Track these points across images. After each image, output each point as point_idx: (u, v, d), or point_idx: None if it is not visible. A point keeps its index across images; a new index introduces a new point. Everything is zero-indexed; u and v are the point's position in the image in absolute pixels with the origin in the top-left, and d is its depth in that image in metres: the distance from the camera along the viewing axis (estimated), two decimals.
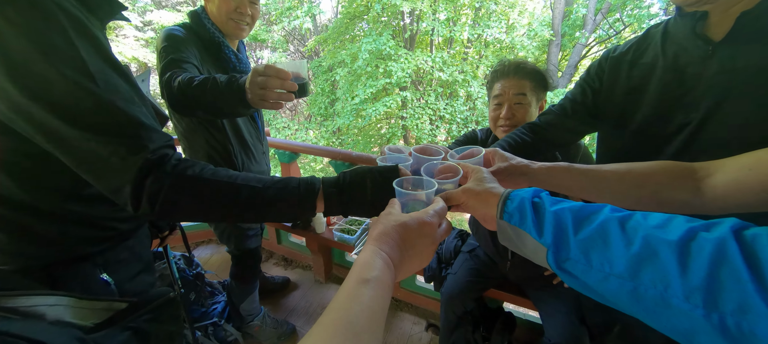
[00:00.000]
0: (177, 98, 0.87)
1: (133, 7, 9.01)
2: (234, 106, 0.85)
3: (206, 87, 0.83)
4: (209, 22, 1.10)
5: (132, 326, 0.48)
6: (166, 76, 0.90)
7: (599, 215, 0.38)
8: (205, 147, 1.19)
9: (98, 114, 0.44)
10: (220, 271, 2.14)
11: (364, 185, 0.58)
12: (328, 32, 8.61)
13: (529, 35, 7.02)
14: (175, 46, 0.99)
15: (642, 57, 0.74)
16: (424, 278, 1.49)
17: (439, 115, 7.32)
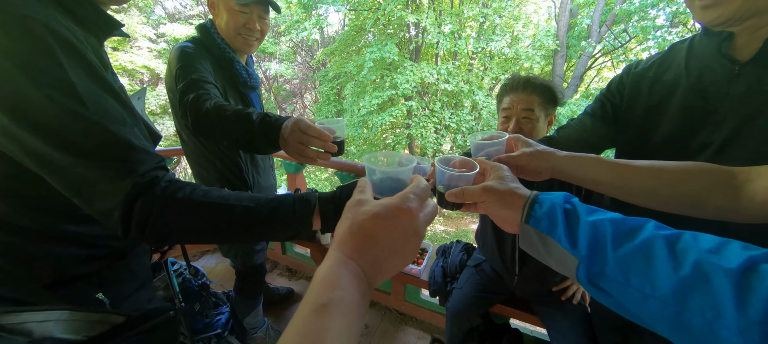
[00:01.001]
0: (203, 123, 0.86)
1: (148, 20, 9.32)
2: (263, 147, 0.84)
3: (239, 121, 0.82)
4: (219, 37, 1.10)
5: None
6: (191, 97, 0.89)
7: (643, 231, 0.35)
8: (216, 163, 1.18)
9: (86, 137, 0.44)
10: (224, 281, 2.14)
11: None
12: (335, 44, 8.77)
13: (534, 46, 7.06)
14: (192, 66, 0.98)
15: (664, 74, 0.73)
16: (430, 292, 1.47)
17: (445, 124, 7.33)
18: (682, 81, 0.68)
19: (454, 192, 0.50)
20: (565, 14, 6.84)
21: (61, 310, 0.45)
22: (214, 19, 1.12)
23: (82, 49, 0.46)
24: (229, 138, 0.87)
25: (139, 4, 8.92)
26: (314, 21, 7.32)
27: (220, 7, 1.08)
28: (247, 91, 1.19)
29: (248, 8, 1.07)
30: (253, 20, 1.10)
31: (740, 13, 0.56)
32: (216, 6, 1.09)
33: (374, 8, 7.58)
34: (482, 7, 6.92)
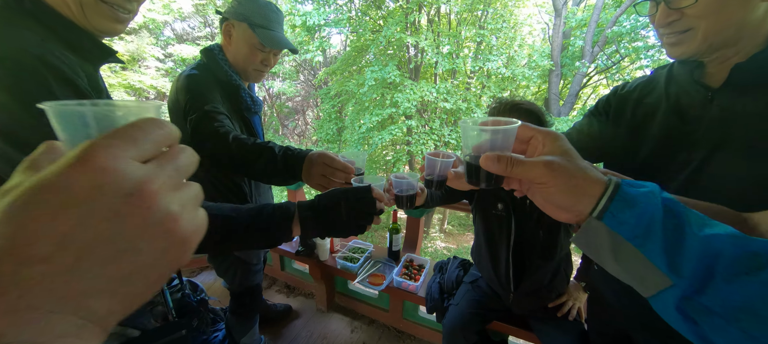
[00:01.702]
0: (223, 156, 0.88)
1: (157, 41, 9.63)
2: (285, 180, 0.88)
3: (261, 155, 0.86)
4: (226, 64, 1.10)
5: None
6: (210, 130, 0.91)
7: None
8: (218, 186, 1.18)
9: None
10: (222, 298, 2.13)
11: (339, 208, 0.61)
12: (337, 63, 9.02)
13: (529, 66, 7.24)
14: (203, 96, 0.99)
15: (647, 97, 0.77)
16: (427, 308, 1.47)
17: (444, 141, 7.43)
18: (663, 104, 0.73)
19: (494, 156, 0.36)
20: (559, 36, 7.06)
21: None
22: (226, 46, 1.12)
23: (74, 78, 0.51)
24: (249, 171, 0.89)
25: (149, 27, 9.26)
26: (318, 43, 7.57)
27: (238, 41, 1.09)
28: (250, 115, 1.20)
29: (265, 48, 1.10)
30: (269, 58, 1.14)
31: (703, 50, 0.61)
32: (232, 37, 1.09)
33: (375, 30, 7.85)
34: (478, 29, 7.16)
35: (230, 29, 1.09)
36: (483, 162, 0.37)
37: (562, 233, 1.16)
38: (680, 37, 0.61)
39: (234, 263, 1.34)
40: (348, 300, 2.08)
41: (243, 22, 1.06)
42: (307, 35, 7.69)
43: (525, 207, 1.16)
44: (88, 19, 0.58)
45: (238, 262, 1.34)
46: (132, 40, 8.12)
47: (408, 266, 1.71)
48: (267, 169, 0.87)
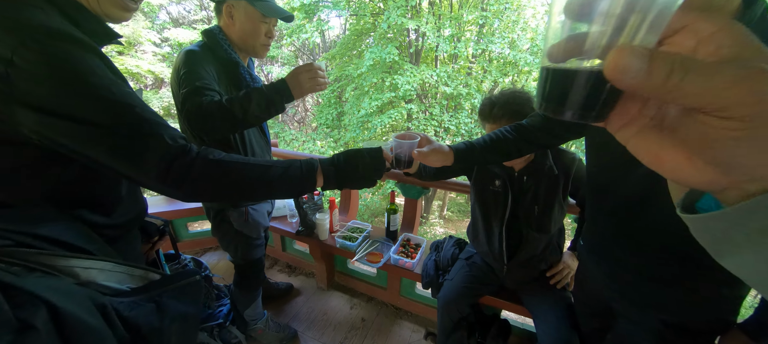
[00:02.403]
0: (206, 119, 0.99)
1: (153, 25, 9.48)
2: (281, 103, 1.07)
3: (249, 98, 1.02)
4: (226, 43, 1.15)
5: (157, 299, 0.53)
6: (199, 100, 0.99)
7: None
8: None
9: (119, 116, 0.54)
10: (227, 276, 2.21)
11: (356, 165, 0.77)
12: (337, 48, 8.89)
13: (532, 51, 7.13)
14: (197, 72, 1.04)
15: None
16: (422, 284, 1.53)
17: (444, 126, 7.41)
18: None
19: (638, 51, 0.17)
20: None
21: (105, 261, 0.51)
22: (229, 27, 1.17)
23: (98, 48, 0.55)
24: (247, 118, 1.03)
25: (144, 10, 9.09)
26: (315, 24, 7.44)
27: (241, 18, 1.15)
28: None
29: (269, 18, 1.18)
30: (271, 29, 1.22)
31: None
32: (234, 17, 1.15)
33: (375, 13, 7.70)
34: (481, 11, 7.02)
35: (231, 10, 1.14)
36: (617, 59, 0.18)
37: (556, 209, 1.20)
38: None
39: (235, 237, 1.40)
40: (347, 279, 2.15)
41: (241, 0, 1.12)
42: (305, 17, 7.54)
43: (522, 183, 1.20)
44: (100, 5, 0.61)
45: (239, 236, 1.39)
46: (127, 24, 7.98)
47: (405, 245, 1.77)
48: (261, 103, 1.03)
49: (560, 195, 1.19)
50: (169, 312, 0.54)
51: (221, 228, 1.39)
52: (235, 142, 1.22)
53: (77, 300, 0.42)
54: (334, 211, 1.92)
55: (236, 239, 1.41)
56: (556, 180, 1.18)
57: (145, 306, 0.50)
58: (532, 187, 1.19)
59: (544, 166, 1.17)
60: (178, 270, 1.47)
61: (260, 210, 1.44)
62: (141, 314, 0.49)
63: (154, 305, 0.52)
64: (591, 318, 1.07)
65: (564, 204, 1.22)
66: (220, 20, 1.18)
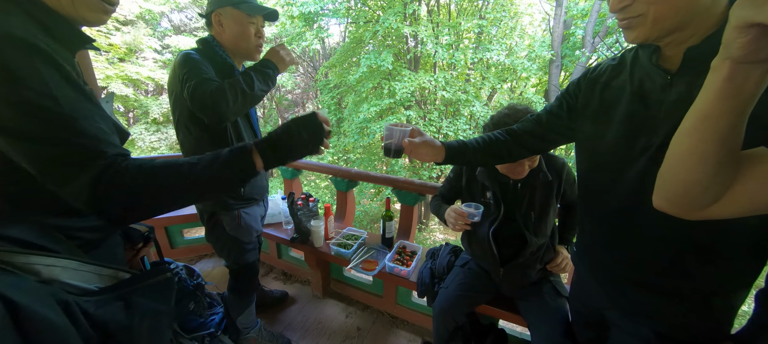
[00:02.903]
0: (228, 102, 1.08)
1: (154, 33, 9.57)
2: (274, 73, 1.23)
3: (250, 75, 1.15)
4: (221, 49, 1.23)
5: (126, 298, 0.51)
6: (210, 86, 1.07)
7: None
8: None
9: (62, 129, 0.52)
10: (220, 284, 2.18)
11: (290, 132, 0.73)
12: (336, 55, 8.96)
13: (530, 57, 7.18)
14: (199, 68, 1.11)
15: (614, 80, 0.77)
16: (417, 293, 1.51)
17: (442, 132, 7.42)
18: (627, 87, 0.73)
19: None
20: (560, 25, 6.99)
21: (69, 259, 0.50)
22: (221, 34, 1.23)
23: (59, 60, 0.53)
24: (255, 95, 1.15)
25: (146, 17, 9.19)
26: (315, 32, 7.51)
27: (230, 24, 1.20)
28: None
29: (255, 18, 1.23)
30: (259, 29, 1.27)
31: (655, 35, 0.60)
32: (224, 24, 1.20)
33: (373, 20, 7.78)
34: (479, 18, 7.09)
35: (219, 18, 1.20)
36: None
37: (551, 214, 1.20)
38: (631, 21, 0.61)
39: (228, 242, 1.41)
40: (343, 287, 2.12)
41: (226, 5, 1.18)
42: (305, 25, 7.62)
43: (516, 191, 1.19)
44: (76, 8, 0.60)
45: (232, 241, 1.40)
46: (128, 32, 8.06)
47: (400, 252, 1.74)
48: (259, 77, 1.16)
49: (554, 200, 1.19)
50: (139, 309, 0.52)
51: (214, 232, 1.40)
52: (230, 139, 1.26)
53: (37, 296, 0.41)
54: (329, 218, 1.90)
55: (229, 243, 1.42)
56: (550, 186, 1.18)
57: (112, 304, 0.49)
58: (527, 194, 1.18)
59: (538, 173, 1.16)
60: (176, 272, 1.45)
61: (253, 214, 1.43)
62: (108, 312, 0.48)
63: (123, 303, 0.50)
64: (586, 328, 1.05)
65: (557, 206, 1.21)
66: (211, 30, 1.25)
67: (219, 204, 1.33)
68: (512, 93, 8.96)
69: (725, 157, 0.46)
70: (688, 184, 0.50)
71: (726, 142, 0.45)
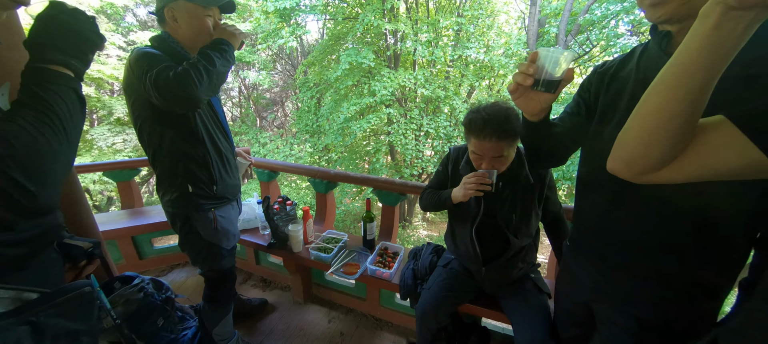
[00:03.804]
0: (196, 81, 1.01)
1: (118, 28, 8.96)
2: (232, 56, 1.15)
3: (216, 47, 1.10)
4: (178, 45, 1.15)
5: (32, 320, 0.46)
6: (168, 74, 0.99)
7: None
8: (184, 159, 1.21)
9: None
10: (193, 295, 2.07)
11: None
12: (314, 53, 8.77)
13: (507, 54, 7.34)
14: (157, 59, 1.04)
15: (621, 71, 0.78)
16: (400, 295, 1.48)
17: (424, 130, 7.45)
18: (632, 75, 0.74)
19: None
20: (534, 24, 7.19)
21: None
22: (176, 31, 1.16)
23: None
24: (215, 67, 1.06)
25: (107, 12, 8.57)
26: (291, 29, 7.30)
27: (185, 18, 1.13)
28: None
29: (211, 10, 1.17)
30: (216, 20, 1.20)
31: (682, 12, 0.61)
32: (178, 20, 1.13)
33: (352, 17, 7.67)
34: (457, 16, 7.16)
35: (173, 13, 1.13)
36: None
37: (533, 216, 1.20)
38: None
39: (204, 247, 1.34)
40: (325, 291, 2.07)
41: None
42: (280, 22, 7.39)
43: (498, 190, 1.19)
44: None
45: (208, 247, 1.34)
46: None
47: (382, 254, 1.72)
48: (217, 54, 1.08)
49: (536, 203, 1.19)
50: (50, 332, 0.47)
51: (189, 239, 1.33)
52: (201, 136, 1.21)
53: None
54: (308, 222, 1.84)
55: (206, 249, 1.36)
56: (532, 189, 1.18)
57: (14, 330, 0.44)
58: (509, 195, 1.18)
59: (520, 174, 1.16)
60: (133, 292, 1.34)
61: (228, 217, 1.38)
62: (10, 339, 0.43)
63: (29, 327, 0.45)
64: (571, 326, 1.06)
65: (539, 210, 1.22)
66: (165, 27, 1.17)
67: (190, 205, 1.26)
68: (490, 90, 9.14)
69: (691, 116, 0.47)
70: (650, 145, 0.51)
71: (696, 100, 0.46)
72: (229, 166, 1.36)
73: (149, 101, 1.06)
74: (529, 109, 0.77)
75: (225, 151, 1.32)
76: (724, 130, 0.48)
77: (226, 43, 1.14)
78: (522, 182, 1.17)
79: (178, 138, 1.18)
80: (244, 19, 8.90)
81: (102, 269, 1.15)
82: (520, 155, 1.18)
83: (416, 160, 7.43)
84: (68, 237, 0.80)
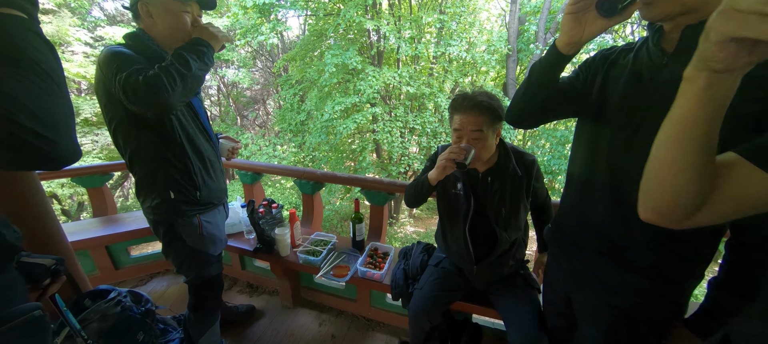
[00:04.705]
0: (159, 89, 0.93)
1: (83, 23, 8.41)
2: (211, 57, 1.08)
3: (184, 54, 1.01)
4: (153, 42, 1.08)
5: None
6: (138, 78, 0.93)
7: None
8: (163, 164, 1.15)
9: None
10: (176, 305, 1.98)
11: None
12: (295, 49, 8.57)
13: (489, 51, 7.46)
14: (128, 60, 0.97)
15: (621, 59, 0.79)
16: (392, 296, 1.47)
17: (409, 127, 7.47)
18: (629, 67, 0.75)
19: None
20: (515, 21, 7.33)
21: None
22: (151, 27, 1.09)
23: None
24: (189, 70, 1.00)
25: (71, 5, 8.02)
26: (271, 25, 7.09)
27: (161, 14, 1.07)
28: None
29: (189, 5, 1.10)
30: (196, 17, 1.14)
31: (677, 11, 0.62)
32: (153, 15, 1.07)
33: (334, 13, 7.54)
34: (439, 13, 7.18)
35: (147, 8, 1.06)
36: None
37: (522, 209, 1.22)
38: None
39: (189, 255, 1.28)
40: (315, 294, 2.03)
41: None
42: (260, 17, 7.16)
43: (486, 185, 1.19)
44: None
45: (194, 254, 1.28)
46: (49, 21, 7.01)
47: (372, 255, 1.70)
48: (193, 56, 1.02)
49: (524, 196, 1.21)
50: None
51: (173, 246, 1.26)
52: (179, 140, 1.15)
53: None
54: (295, 224, 1.79)
55: (191, 257, 1.29)
56: (520, 181, 1.19)
57: None
58: (498, 189, 1.19)
59: (507, 167, 1.17)
60: (109, 307, 1.27)
61: (214, 222, 1.32)
62: None
63: None
64: (557, 317, 1.09)
65: (527, 203, 1.23)
66: (140, 23, 1.10)
67: (173, 211, 1.19)
68: (473, 86, 9.28)
69: (706, 161, 0.47)
70: (677, 191, 0.50)
71: (706, 148, 0.46)
72: (213, 170, 1.30)
73: (122, 102, 0.99)
74: (572, 32, 0.71)
75: (207, 154, 1.26)
76: (743, 167, 0.48)
77: (204, 45, 1.07)
78: (510, 175, 1.18)
79: (155, 141, 1.11)
80: (222, 15, 8.55)
81: (69, 286, 1.07)
82: (506, 148, 1.19)
83: (402, 157, 7.44)
84: (25, 255, 0.73)
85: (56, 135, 0.56)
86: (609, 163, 0.77)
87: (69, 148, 0.60)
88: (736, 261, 0.73)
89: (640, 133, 0.71)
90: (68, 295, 1.09)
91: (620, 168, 0.75)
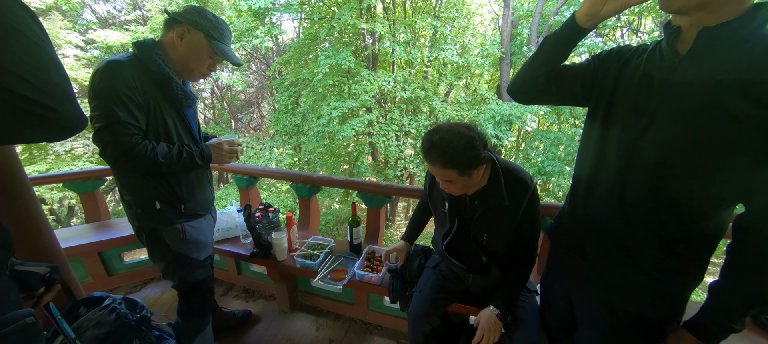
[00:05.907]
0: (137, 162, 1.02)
1: (74, 26, 8.30)
2: (198, 167, 1.22)
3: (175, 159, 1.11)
4: (160, 58, 1.09)
5: None
6: (127, 142, 0.99)
7: None
8: (148, 175, 1.15)
9: None
10: (171, 311, 1.95)
11: None
12: (290, 52, 8.55)
13: (482, 55, 7.53)
14: (117, 100, 0.98)
15: (635, 58, 0.79)
16: (390, 299, 1.48)
17: (405, 130, 7.49)
18: (642, 66, 0.76)
19: None
20: (508, 25, 7.42)
21: None
22: (174, 45, 1.11)
23: None
24: (170, 169, 1.10)
25: (62, 8, 7.91)
26: (266, 29, 7.07)
27: (191, 46, 1.11)
28: (183, 109, 1.20)
29: (217, 57, 1.17)
30: (215, 65, 1.21)
31: (694, 3, 0.62)
32: (185, 40, 1.11)
33: (329, 16, 7.55)
34: (433, 18, 7.25)
35: (184, 33, 1.11)
36: None
37: (505, 239, 1.16)
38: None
39: (173, 259, 1.28)
40: (312, 298, 2.02)
41: (200, 31, 1.11)
42: (254, 20, 7.15)
43: (473, 208, 1.14)
44: None
45: (177, 257, 1.27)
46: None
47: (370, 258, 1.70)
48: (187, 164, 1.15)
49: (509, 227, 1.13)
50: None
51: (156, 249, 1.27)
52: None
53: None
54: (292, 228, 1.79)
55: (175, 261, 1.29)
56: (503, 211, 1.10)
57: None
58: (481, 215, 1.13)
59: (495, 192, 1.09)
60: (104, 315, 1.25)
61: (199, 227, 1.31)
62: None
63: None
64: (557, 317, 1.10)
65: (510, 237, 1.15)
66: (164, 35, 1.12)
67: (157, 219, 1.19)
68: (467, 89, 9.35)
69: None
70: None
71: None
72: (200, 182, 1.30)
73: None
74: (594, 3, 0.72)
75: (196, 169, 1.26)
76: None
77: (205, 159, 1.20)
78: (494, 201, 1.08)
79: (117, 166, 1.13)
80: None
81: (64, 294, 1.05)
82: (498, 171, 1.08)
83: (398, 160, 7.45)
84: (19, 263, 0.72)
85: (53, 99, 0.54)
86: (615, 164, 0.78)
87: (73, 112, 0.58)
88: None
89: (646, 134, 0.72)
90: (62, 303, 1.07)
91: (625, 169, 0.76)
